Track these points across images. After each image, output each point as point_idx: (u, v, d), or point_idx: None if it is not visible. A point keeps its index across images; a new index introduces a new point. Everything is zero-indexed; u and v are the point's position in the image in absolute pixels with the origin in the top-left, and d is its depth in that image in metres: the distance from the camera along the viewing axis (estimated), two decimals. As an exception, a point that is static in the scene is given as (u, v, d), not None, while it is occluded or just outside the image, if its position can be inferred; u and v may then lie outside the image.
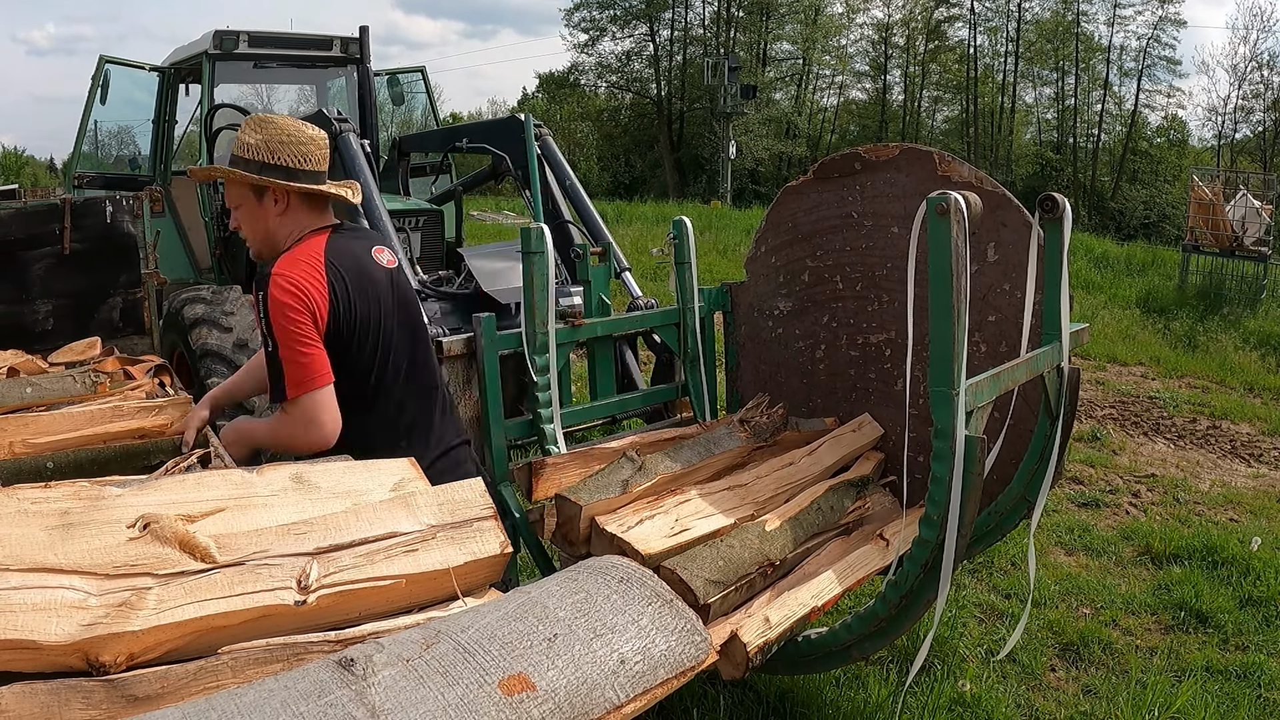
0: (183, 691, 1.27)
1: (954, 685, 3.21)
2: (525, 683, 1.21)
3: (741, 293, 3.47)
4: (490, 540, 1.60)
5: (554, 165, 4.79)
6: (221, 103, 5.77)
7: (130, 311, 4.29)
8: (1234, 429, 6.69)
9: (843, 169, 3.05)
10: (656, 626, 1.39)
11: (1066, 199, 2.43)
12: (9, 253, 3.98)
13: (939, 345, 1.97)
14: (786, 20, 38.65)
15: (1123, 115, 36.15)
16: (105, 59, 6.53)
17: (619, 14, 39.24)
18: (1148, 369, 8.47)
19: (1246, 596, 4.01)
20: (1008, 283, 2.69)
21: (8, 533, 1.38)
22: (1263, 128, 32.86)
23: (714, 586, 2.26)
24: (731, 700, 3.06)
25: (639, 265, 4.14)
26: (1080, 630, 3.70)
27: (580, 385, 5.18)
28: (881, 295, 3.05)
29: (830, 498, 2.80)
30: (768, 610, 2.33)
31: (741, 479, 2.78)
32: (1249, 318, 10.18)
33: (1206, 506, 5.17)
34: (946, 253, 1.93)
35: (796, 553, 2.58)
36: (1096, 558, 4.47)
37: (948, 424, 2.01)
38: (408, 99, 7.39)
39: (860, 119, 40.67)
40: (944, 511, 2.08)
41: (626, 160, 40.37)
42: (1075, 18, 35.68)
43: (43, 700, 1.20)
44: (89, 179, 6.60)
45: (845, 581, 2.49)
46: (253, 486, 1.64)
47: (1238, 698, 3.25)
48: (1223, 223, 11.00)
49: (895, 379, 3.07)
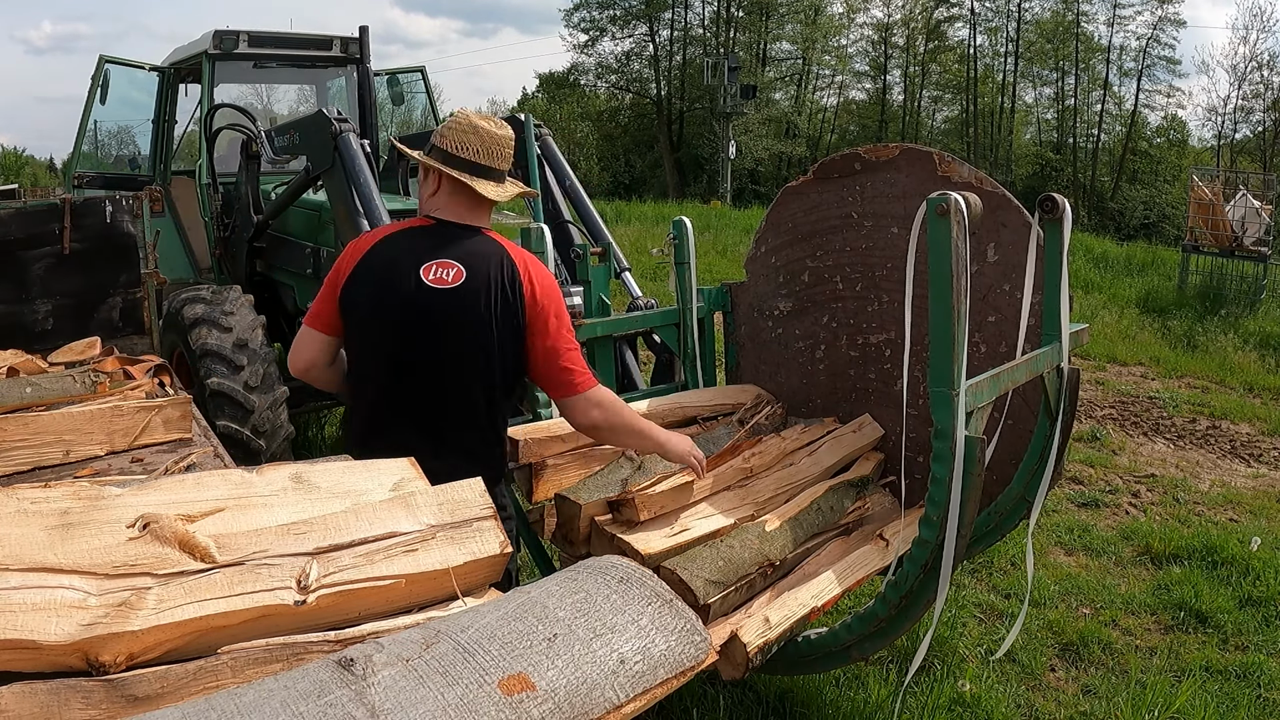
0: (182, 691, 1.27)
1: (954, 685, 3.21)
2: (525, 683, 1.21)
3: (741, 293, 3.47)
4: (490, 540, 1.60)
5: (554, 165, 4.79)
6: (221, 103, 5.76)
7: (130, 311, 4.30)
8: (1234, 429, 6.69)
9: (843, 169, 3.05)
10: (656, 626, 1.39)
11: (1066, 199, 2.43)
12: (9, 252, 3.98)
13: (939, 346, 1.97)
14: (786, 20, 38.66)
15: (1122, 115, 36.17)
16: (105, 59, 6.53)
17: (619, 14, 39.27)
18: (1147, 369, 8.48)
19: (1246, 596, 4.02)
20: (1008, 283, 2.69)
21: (8, 532, 1.38)
22: (1262, 128, 32.87)
23: (714, 587, 2.26)
24: (731, 700, 3.06)
25: (638, 265, 4.14)
26: (1080, 630, 3.70)
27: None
28: (881, 296, 3.05)
29: (830, 498, 2.80)
30: (768, 610, 2.33)
31: (742, 479, 2.78)
32: (1249, 318, 10.18)
33: (1206, 506, 5.17)
34: (946, 253, 1.93)
35: (796, 553, 2.58)
36: (1096, 558, 4.47)
37: (948, 424, 2.00)
38: (408, 99, 7.38)
39: (860, 119, 40.68)
40: (944, 512, 2.08)
41: (626, 160, 40.37)
42: (1075, 18, 35.69)
43: (43, 700, 1.20)
44: (89, 179, 6.60)
45: (845, 582, 2.50)
46: (252, 486, 1.64)
47: (1237, 698, 3.25)
48: (1222, 223, 11.00)
49: (895, 379, 3.07)
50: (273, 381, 4.42)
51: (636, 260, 6.50)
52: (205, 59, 5.81)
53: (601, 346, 3.50)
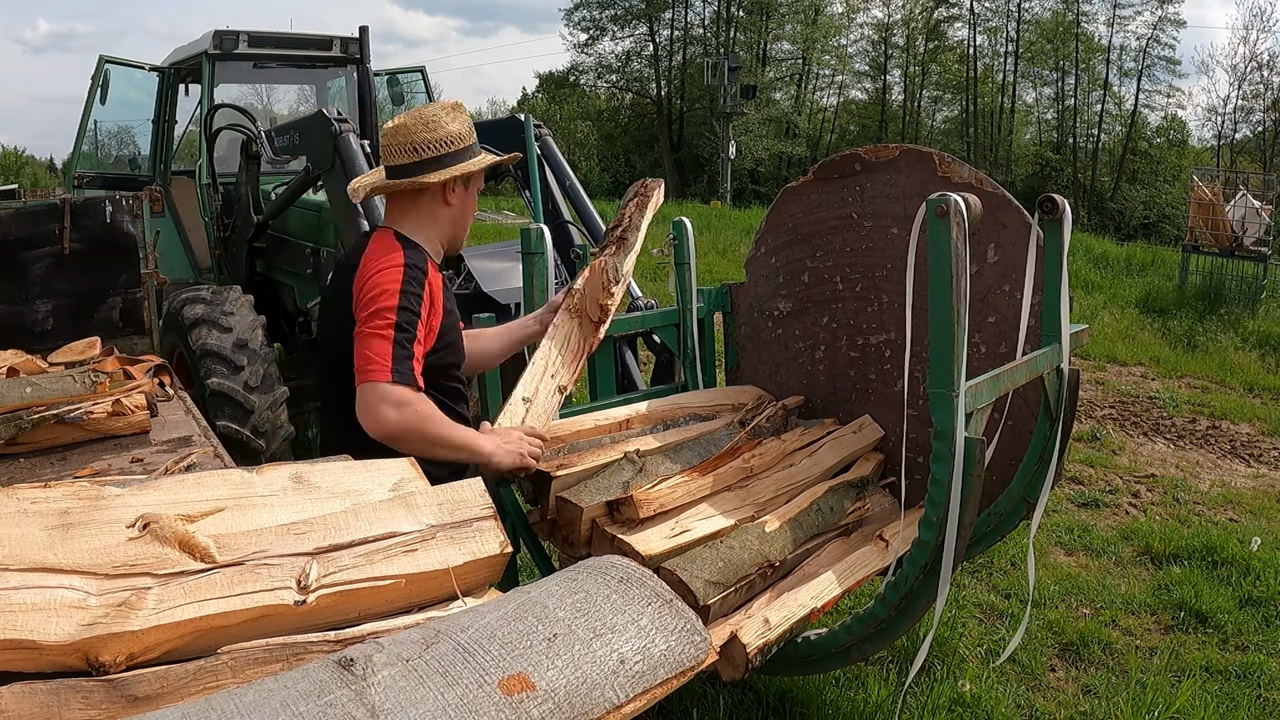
0: (182, 691, 1.27)
1: (954, 685, 3.21)
2: (525, 682, 1.21)
3: (741, 293, 3.47)
4: (490, 540, 1.60)
5: (554, 165, 4.79)
6: (221, 103, 5.77)
7: (130, 311, 4.30)
8: (1234, 429, 6.69)
9: (842, 170, 3.04)
10: (656, 626, 1.39)
11: (1066, 200, 2.42)
12: (9, 253, 3.98)
13: (939, 347, 1.97)
14: (786, 20, 38.67)
15: (1122, 115, 36.18)
16: (105, 59, 6.53)
17: (619, 14, 39.27)
18: (1147, 369, 8.48)
19: (1246, 596, 4.02)
20: (1007, 284, 2.69)
21: (7, 533, 1.38)
22: (1262, 128, 32.89)
23: (714, 588, 2.26)
24: (731, 700, 3.06)
25: (638, 264, 4.09)
26: (1080, 630, 3.70)
27: (580, 386, 5.18)
28: (881, 296, 3.05)
29: (830, 499, 2.80)
30: (767, 611, 2.33)
31: (742, 479, 2.78)
32: (1249, 318, 10.18)
33: (1206, 507, 5.17)
34: (946, 255, 1.93)
35: (796, 554, 2.58)
36: (1096, 558, 4.47)
37: (947, 426, 2.00)
38: (408, 99, 7.39)
39: (860, 119, 40.69)
40: (943, 513, 2.08)
41: (626, 160, 40.38)
42: (1075, 18, 35.70)
43: (42, 700, 1.20)
44: (89, 179, 6.61)
45: (845, 583, 2.49)
46: (252, 486, 1.64)
47: (1237, 698, 3.25)
48: (1222, 223, 11.00)
49: (895, 380, 3.06)
50: (273, 382, 4.43)
51: (636, 260, 6.48)
52: (205, 59, 5.82)
53: (601, 347, 3.50)
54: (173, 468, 2.17)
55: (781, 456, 2.94)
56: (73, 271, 4.11)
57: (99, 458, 2.85)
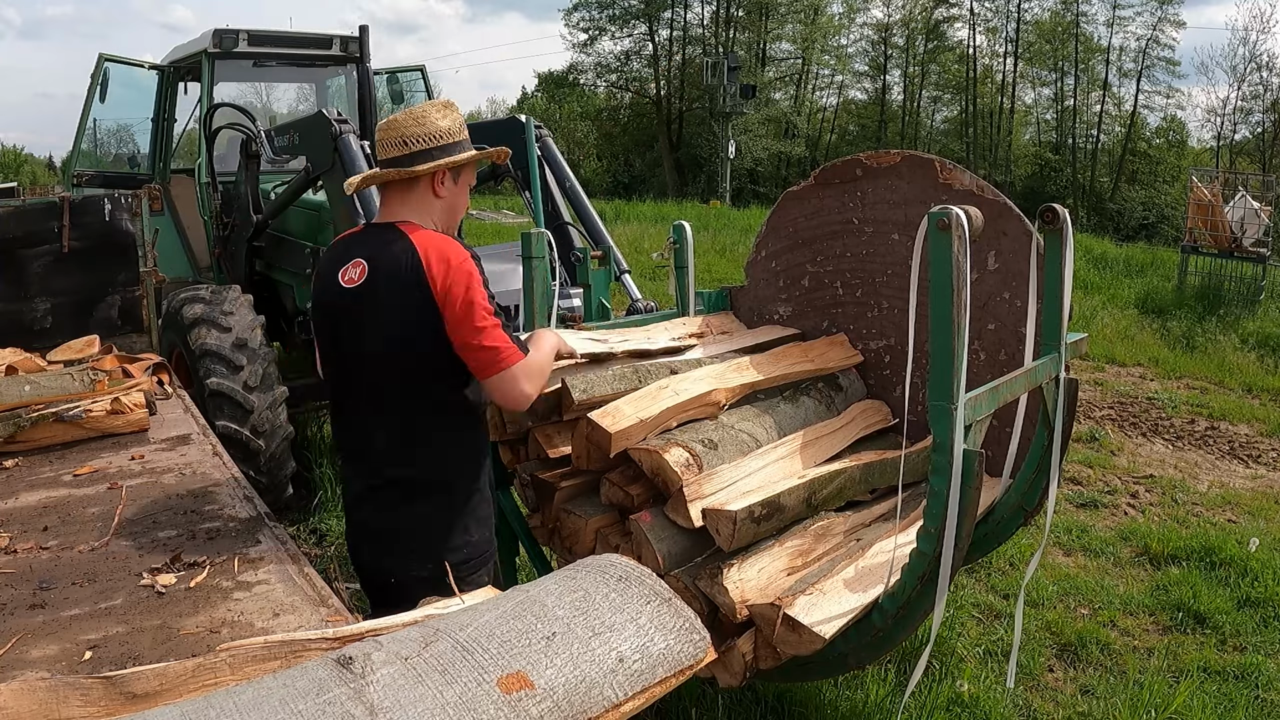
0: (181, 689, 1.27)
1: (952, 685, 3.21)
2: (524, 681, 1.21)
3: (741, 296, 3.47)
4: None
5: (554, 166, 4.79)
6: (221, 101, 5.77)
7: (129, 309, 4.30)
8: (1232, 430, 6.70)
9: (844, 175, 3.04)
10: (655, 625, 1.39)
11: (1066, 209, 2.41)
12: (8, 251, 3.98)
13: (939, 360, 1.97)
14: (786, 20, 38.63)
15: (1122, 116, 36.16)
16: (105, 57, 6.53)
17: (618, 13, 39.24)
18: (1146, 370, 8.48)
19: (1244, 597, 4.02)
20: (1007, 291, 2.69)
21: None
22: (1262, 129, 32.88)
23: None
24: (730, 699, 3.06)
25: (637, 265, 4.13)
26: (1078, 631, 3.70)
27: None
28: (881, 302, 3.05)
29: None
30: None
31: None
32: (1247, 319, 10.19)
33: (1204, 507, 5.18)
34: (947, 268, 1.92)
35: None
36: (1095, 558, 4.47)
37: (946, 439, 2.00)
38: (407, 98, 7.39)
39: (860, 119, 40.67)
40: (941, 525, 2.08)
41: (626, 160, 40.37)
42: (1075, 18, 35.70)
43: (41, 697, 1.20)
44: (88, 177, 6.61)
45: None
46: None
47: (1235, 698, 3.25)
48: (1221, 224, 11.01)
49: (894, 385, 3.07)
50: (272, 381, 4.42)
51: (635, 260, 6.49)
52: (205, 58, 5.81)
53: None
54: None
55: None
56: (72, 270, 4.11)
57: (98, 456, 2.85)
